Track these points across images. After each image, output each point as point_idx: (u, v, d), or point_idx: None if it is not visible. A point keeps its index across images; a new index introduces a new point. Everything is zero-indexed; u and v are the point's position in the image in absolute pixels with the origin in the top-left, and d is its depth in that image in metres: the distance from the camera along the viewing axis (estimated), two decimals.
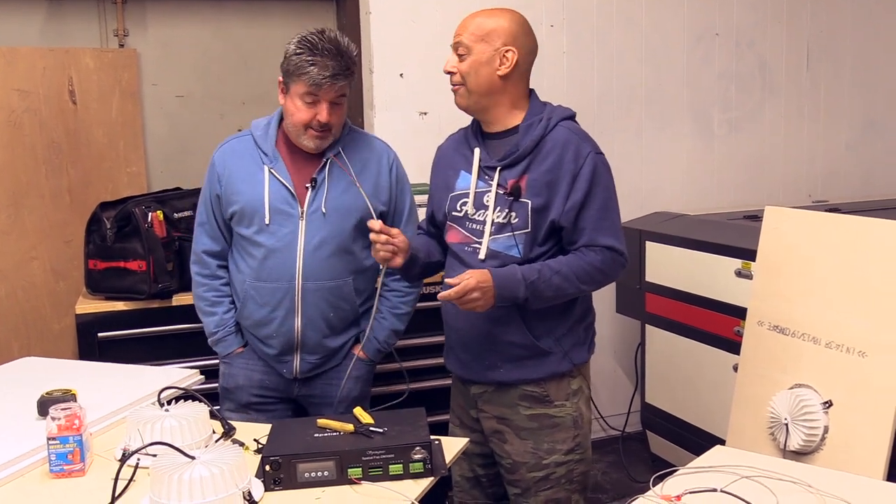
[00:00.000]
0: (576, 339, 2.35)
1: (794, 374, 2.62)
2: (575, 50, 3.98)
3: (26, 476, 1.88)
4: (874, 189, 4.62)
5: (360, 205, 2.48)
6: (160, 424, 1.91)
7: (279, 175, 2.46)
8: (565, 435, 2.34)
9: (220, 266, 2.59)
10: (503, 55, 2.27)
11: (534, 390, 2.33)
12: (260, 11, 3.80)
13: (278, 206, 2.45)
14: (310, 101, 2.38)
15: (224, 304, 2.58)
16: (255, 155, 2.50)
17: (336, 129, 2.46)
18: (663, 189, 4.24)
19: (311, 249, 2.46)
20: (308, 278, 2.47)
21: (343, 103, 2.44)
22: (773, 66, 4.39)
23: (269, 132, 2.51)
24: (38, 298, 3.50)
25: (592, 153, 2.27)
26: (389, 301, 2.63)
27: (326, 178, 2.47)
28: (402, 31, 3.71)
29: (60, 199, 3.49)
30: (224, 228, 2.56)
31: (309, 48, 2.35)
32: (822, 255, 2.61)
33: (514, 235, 2.24)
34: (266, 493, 1.78)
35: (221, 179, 2.52)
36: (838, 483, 1.79)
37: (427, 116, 3.75)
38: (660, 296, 3.61)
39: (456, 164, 2.39)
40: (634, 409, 4.05)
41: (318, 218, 2.46)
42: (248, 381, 2.59)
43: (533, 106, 2.34)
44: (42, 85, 3.42)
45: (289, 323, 2.50)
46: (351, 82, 2.44)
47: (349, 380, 2.57)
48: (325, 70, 2.34)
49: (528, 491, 2.36)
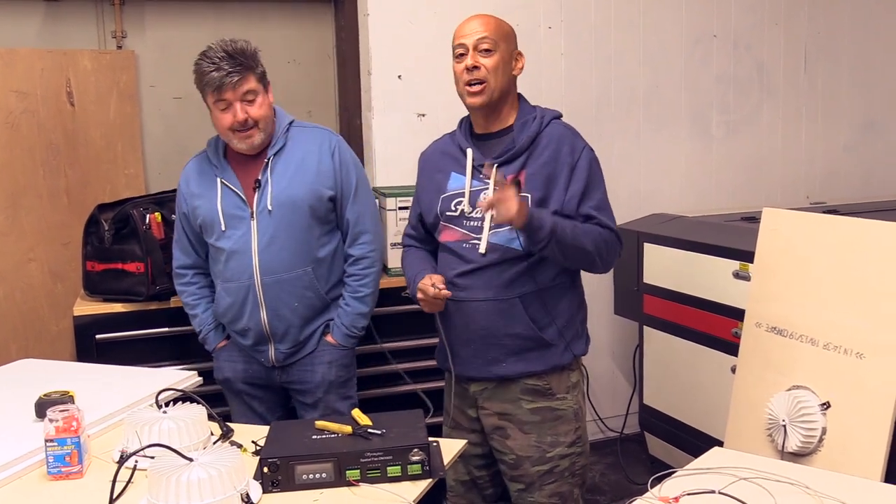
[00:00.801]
0: (575, 331, 2.43)
1: (792, 376, 2.63)
2: (573, 52, 3.99)
3: (24, 478, 1.88)
4: (872, 190, 4.63)
5: (305, 195, 2.61)
6: (158, 426, 1.91)
7: (228, 182, 2.62)
8: (567, 427, 2.39)
9: (196, 274, 2.79)
10: (516, 57, 2.40)
11: (536, 384, 2.37)
12: (258, 13, 3.80)
13: (231, 211, 2.61)
14: (223, 107, 2.54)
15: (201, 304, 2.78)
16: (209, 168, 2.68)
17: (262, 123, 2.58)
18: (661, 191, 4.24)
19: (263, 246, 2.60)
20: (265, 273, 2.61)
21: (255, 99, 2.55)
22: (770, 68, 4.39)
23: (218, 145, 2.69)
24: (36, 300, 3.50)
25: (586, 147, 2.39)
26: (349, 286, 2.73)
27: (269, 177, 2.60)
28: (401, 33, 3.71)
29: (58, 200, 3.49)
30: (196, 242, 2.75)
31: (205, 59, 2.52)
32: (820, 256, 2.61)
33: (514, 228, 2.26)
34: (264, 495, 1.78)
35: (186, 198, 2.71)
36: (836, 484, 1.80)
37: (425, 118, 3.75)
38: (658, 297, 3.61)
39: (445, 167, 2.44)
40: (633, 411, 4.05)
41: (265, 216, 2.59)
42: (234, 372, 2.76)
43: (524, 107, 2.44)
44: (40, 86, 3.42)
45: (256, 316, 2.65)
46: (257, 78, 2.55)
47: (322, 364, 2.71)
48: (220, 71, 2.48)
49: (533, 486, 2.39)
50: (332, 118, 3.94)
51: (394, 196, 3.27)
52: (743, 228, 3.41)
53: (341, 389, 2.76)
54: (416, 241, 2.59)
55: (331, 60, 3.92)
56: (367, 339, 3.04)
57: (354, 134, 3.82)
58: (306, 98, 3.87)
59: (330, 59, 3.92)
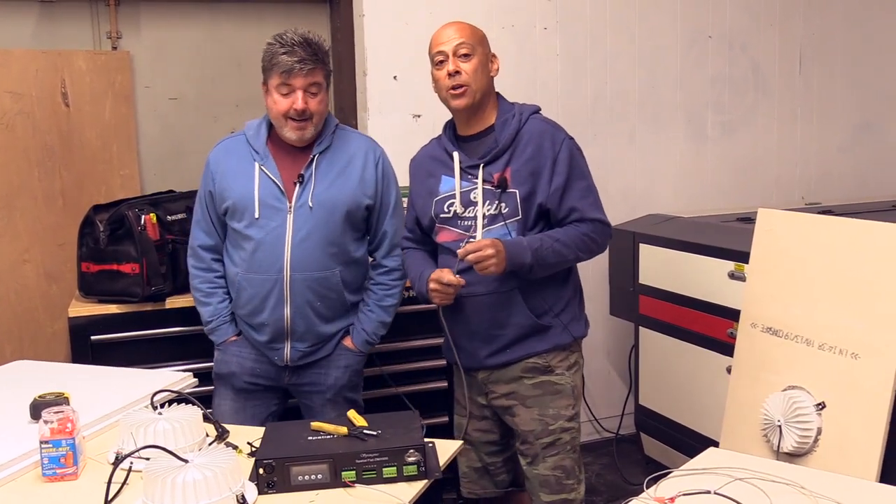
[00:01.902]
0: (573, 313, 2.54)
1: (788, 376, 2.63)
2: (568, 52, 3.99)
3: (19, 480, 1.88)
4: (867, 191, 4.63)
5: (346, 199, 2.60)
6: (153, 427, 1.91)
7: (269, 171, 2.58)
8: (566, 402, 2.51)
9: (215, 259, 2.70)
10: (491, 59, 2.51)
11: (536, 362, 2.49)
12: (253, 14, 3.80)
13: (267, 200, 2.56)
14: (285, 91, 2.51)
15: (218, 294, 2.69)
16: (247, 153, 2.62)
17: (317, 118, 2.57)
18: (657, 191, 4.24)
19: (297, 241, 2.56)
20: (296, 269, 2.57)
21: (318, 93, 2.55)
22: (765, 69, 4.40)
23: (260, 131, 2.64)
24: (31, 301, 3.49)
25: (566, 139, 2.48)
26: (375, 294, 2.73)
27: (314, 173, 2.58)
28: (396, 34, 3.71)
29: (53, 201, 3.48)
30: (218, 224, 2.68)
31: (279, 41, 2.51)
32: (815, 257, 2.62)
33: (506, 224, 2.42)
34: (259, 497, 1.78)
35: (215, 177, 2.63)
36: (831, 485, 1.80)
37: (421, 119, 3.75)
38: (653, 298, 3.61)
39: (435, 171, 2.55)
40: (628, 412, 4.05)
41: (305, 212, 2.56)
42: (241, 368, 2.69)
43: (503, 105, 2.53)
44: (35, 87, 3.42)
45: (279, 311, 2.60)
46: (325, 74, 2.56)
47: (337, 369, 2.69)
48: (294, 56, 2.47)
49: (537, 458, 2.50)
50: None
51: None
52: (738, 229, 3.41)
53: (350, 394, 2.75)
54: (414, 242, 2.67)
55: None
56: None
57: None
58: None
59: None
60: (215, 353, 2.75)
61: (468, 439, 2.60)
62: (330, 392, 2.69)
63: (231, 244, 2.66)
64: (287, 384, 2.72)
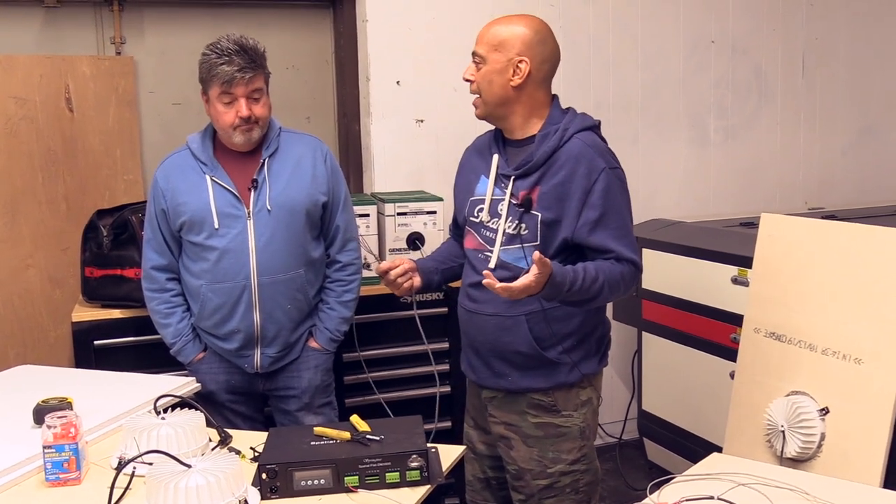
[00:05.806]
0: (586, 350, 2.33)
1: (791, 381, 2.62)
2: (571, 57, 3.99)
3: (22, 485, 1.88)
4: (870, 196, 4.63)
5: (303, 199, 2.62)
6: (156, 432, 1.91)
7: (221, 181, 2.59)
8: (571, 445, 2.34)
9: (169, 279, 2.69)
10: (516, 65, 2.23)
11: (541, 399, 2.33)
12: (256, 19, 3.80)
13: (225, 209, 2.57)
14: (227, 100, 2.52)
15: (177, 313, 2.68)
16: (195, 166, 2.62)
17: (262, 122, 2.59)
18: (659, 196, 4.24)
19: (262, 246, 2.58)
20: (263, 274, 2.58)
21: (261, 98, 2.56)
22: (768, 74, 4.40)
23: (205, 143, 2.65)
24: (35, 306, 3.49)
25: (606, 169, 2.24)
26: (334, 291, 2.75)
27: (266, 177, 2.60)
28: (399, 39, 3.71)
29: (57, 206, 3.49)
30: (171, 241, 2.67)
31: (214, 51, 2.51)
32: (818, 262, 2.61)
33: (523, 247, 2.23)
34: (262, 502, 1.78)
35: (166, 194, 2.63)
36: (835, 490, 1.80)
37: (424, 124, 3.75)
38: (656, 303, 3.61)
39: (478, 169, 2.40)
40: (631, 417, 4.04)
41: (264, 216, 2.58)
42: (216, 384, 2.69)
43: (552, 115, 2.31)
44: (39, 92, 3.42)
45: (248, 318, 2.61)
46: (265, 78, 2.57)
47: (308, 370, 2.72)
48: (232, 65, 2.48)
49: (532, 498, 2.36)
50: (330, 124, 3.94)
51: (392, 202, 3.27)
52: (741, 234, 3.41)
53: (324, 394, 2.78)
54: (453, 233, 2.61)
55: (329, 66, 3.92)
56: (349, 346, 3.09)
57: (353, 140, 3.82)
58: (305, 104, 3.88)
59: (328, 64, 3.92)
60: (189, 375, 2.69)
61: (474, 450, 2.51)
62: (307, 395, 2.72)
63: (189, 258, 2.64)
64: (263, 391, 2.74)
